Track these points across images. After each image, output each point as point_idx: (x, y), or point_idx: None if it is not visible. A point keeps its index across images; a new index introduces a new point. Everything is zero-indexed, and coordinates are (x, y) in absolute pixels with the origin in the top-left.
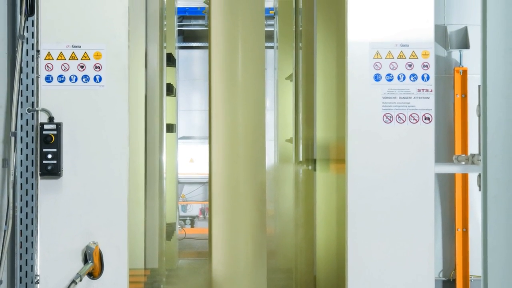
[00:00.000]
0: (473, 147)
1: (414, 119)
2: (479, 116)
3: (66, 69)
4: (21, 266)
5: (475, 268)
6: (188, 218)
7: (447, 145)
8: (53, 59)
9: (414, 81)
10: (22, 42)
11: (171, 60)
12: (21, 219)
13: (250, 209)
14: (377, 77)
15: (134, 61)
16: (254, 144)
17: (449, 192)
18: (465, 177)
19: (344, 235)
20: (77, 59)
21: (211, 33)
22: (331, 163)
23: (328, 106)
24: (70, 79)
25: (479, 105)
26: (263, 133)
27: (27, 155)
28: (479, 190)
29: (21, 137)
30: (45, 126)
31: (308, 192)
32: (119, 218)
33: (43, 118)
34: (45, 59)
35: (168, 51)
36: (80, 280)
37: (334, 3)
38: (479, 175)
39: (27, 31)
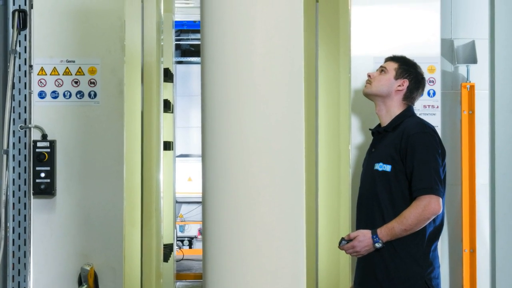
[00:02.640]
0: (480, 165)
1: None
2: None
3: (59, 85)
4: None
5: None
6: (186, 238)
7: (454, 163)
8: (46, 75)
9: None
10: (15, 57)
11: (168, 76)
12: (13, 240)
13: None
14: None
15: (130, 76)
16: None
17: (455, 211)
18: (472, 195)
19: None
20: (71, 75)
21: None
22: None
23: (331, 120)
24: (64, 95)
25: None
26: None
27: (19, 173)
28: None
29: (14, 155)
30: (38, 144)
31: (310, 201)
32: (114, 239)
33: (36, 135)
34: (38, 74)
35: (165, 66)
36: None
37: (337, 15)
38: None
39: (19, 46)
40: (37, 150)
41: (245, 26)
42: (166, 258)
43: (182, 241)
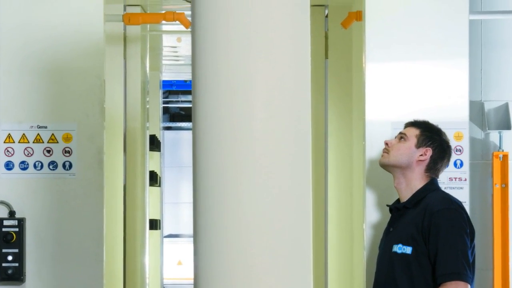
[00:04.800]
0: None
1: None
2: None
3: (29, 154)
4: None
5: None
6: None
7: (484, 244)
8: (14, 142)
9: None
10: None
11: (155, 144)
12: None
13: None
14: None
15: (111, 144)
16: None
17: (486, 279)
18: (505, 282)
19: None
20: (43, 142)
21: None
22: None
23: (343, 194)
24: (35, 166)
25: None
26: None
27: None
28: None
29: None
30: (5, 222)
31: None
32: None
33: (2, 212)
34: (4, 142)
35: (152, 132)
36: None
37: (350, 73)
38: None
39: None
40: (3, 229)
41: (243, 86)
42: None
43: None
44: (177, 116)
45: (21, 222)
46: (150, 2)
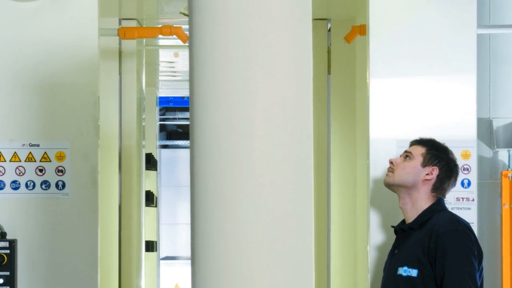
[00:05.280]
0: None
1: None
2: None
3: (21, 174)
4: None
5: None
6: None
7: (493, 266)
8: (5, 161)
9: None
10: None
11: (151, 162)
12: None
13: None
14: None
15: (106, 163)
16: None
17: None
18: None
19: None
20: (35, 161)
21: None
22: None
23: (346, 215)
24: (27, 186)
25: None
26: None
27: None
28: None
29: None
30: None
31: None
32: None
33: None
34: None
35: (148, 150)
36: None
37: (353, 89)
38: None
39: None
40: None
41: (243, 103)
42: None
43: None
44: (174, 133)
45: (12, 243)
46: (146, 15)
